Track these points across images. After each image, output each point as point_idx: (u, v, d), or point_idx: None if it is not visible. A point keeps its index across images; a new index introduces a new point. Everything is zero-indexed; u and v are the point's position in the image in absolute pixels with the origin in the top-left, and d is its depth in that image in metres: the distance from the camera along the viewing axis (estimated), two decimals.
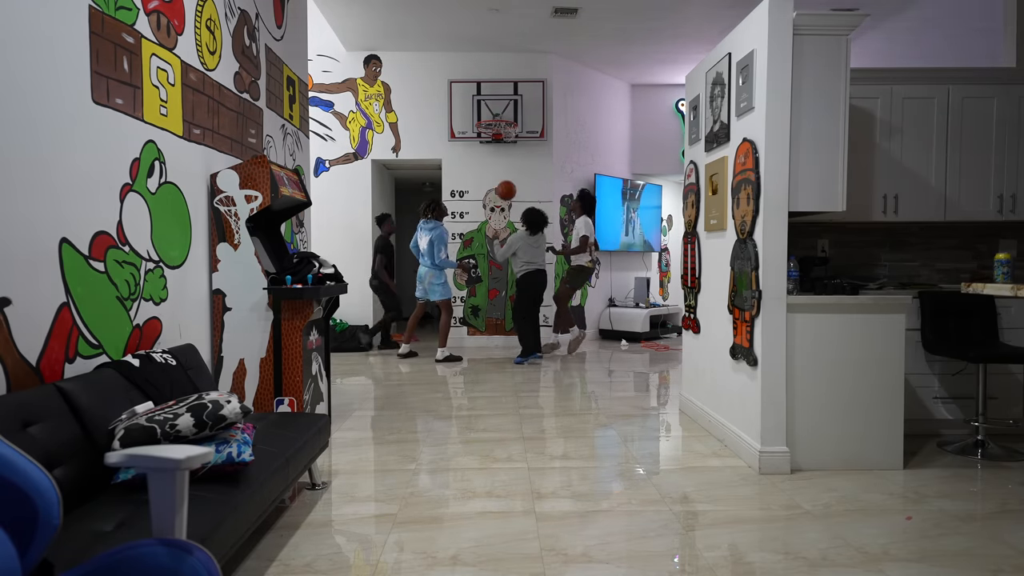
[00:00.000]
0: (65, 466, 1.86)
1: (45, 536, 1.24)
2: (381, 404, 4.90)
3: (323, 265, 3.63)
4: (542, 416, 4.47)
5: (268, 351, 3.39)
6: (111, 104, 2.49)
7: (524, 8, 6.38)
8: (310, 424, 2.82)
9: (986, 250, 4.37)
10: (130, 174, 2.63)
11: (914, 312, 3.81)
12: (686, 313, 4.53)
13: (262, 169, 3.37)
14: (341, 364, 6.66)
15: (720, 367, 3.82)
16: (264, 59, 4.21)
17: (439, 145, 7.83)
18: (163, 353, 2.60)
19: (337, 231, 7.69)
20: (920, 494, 2.97)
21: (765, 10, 3.18)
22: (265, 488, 2.20)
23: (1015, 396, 3.89)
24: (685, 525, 2.64)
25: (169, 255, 2.95)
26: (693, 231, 4.37)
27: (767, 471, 3.24)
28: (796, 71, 3.19)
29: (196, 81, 3.21)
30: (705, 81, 4.12)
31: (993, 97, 3.97)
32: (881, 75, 3.94)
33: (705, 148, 4.12)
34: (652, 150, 9.24)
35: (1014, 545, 2.45)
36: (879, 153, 3.95)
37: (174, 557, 1.31)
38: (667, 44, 7.41)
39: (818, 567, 2.28)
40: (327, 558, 2.36)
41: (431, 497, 2.96)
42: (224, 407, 2.08)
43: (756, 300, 3.26)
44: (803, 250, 4.29)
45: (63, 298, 2.21)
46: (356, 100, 7.74)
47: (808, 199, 3.25)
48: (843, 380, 3.26)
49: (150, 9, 2.77)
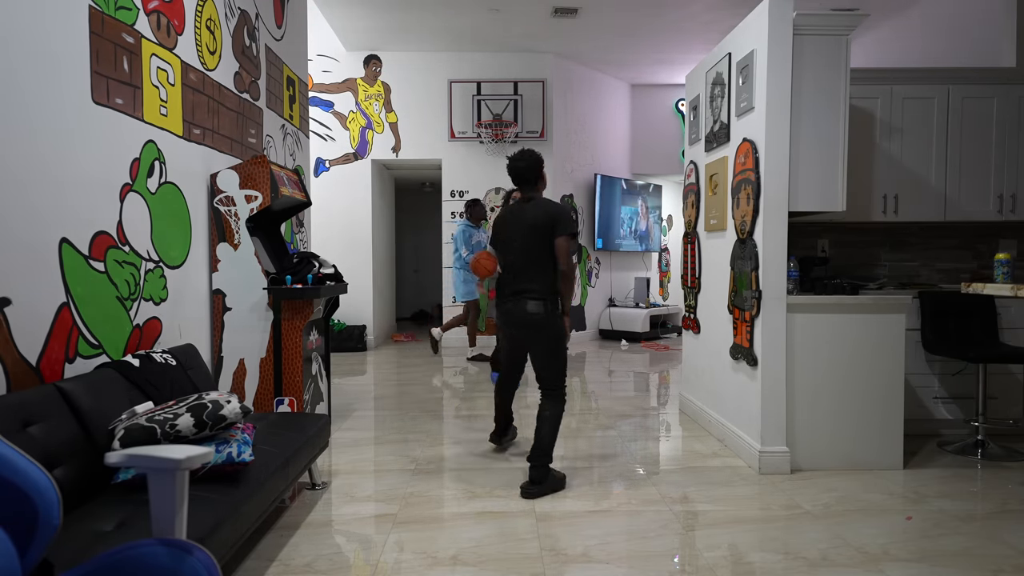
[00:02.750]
0: (65, 466, 1.86)
1: (45, 536, 1.24)
2: (381, 404, 4.89)
3: (323, 265, 3.63)
4: None
5: (268, 351, 3.39)
6: (111, 104, 2.49)
7: (524, 8, 6.37)
8: (310, 424, 2.82)
9: (986, 250, 4.37)
10: (130, 174, 2.63)
11: (914, 312, 3.81)
12: (686, 313, 4.53)
13: (262, 169, 3.37)
14: (341, 364, 6.65)
15: (720, 367, 3.82)
16: (264, 59, 4.21)
17: (439, 145, 7.83)
18: (163, 353, 2.60)
19: (337, 231, 7.69)
20: (920, 494, 2.97)
21: (765, 10, 3.18)
22: (265, 488, 2.20)
23: (1015, 396, 3.89)
24: (685, 525, 2.64)
25: (169, 255, 2.95)
26: (693, 231, 4.37)
27: (767, 471, 3.24)
28: (796, 71, 3.19)
29: (196, 81, 3.21)
30: (705, 81, 4.12)
31: (993, 97, 3.96)
32: (881, 75, 3.93)
33: (705, 148, 4.12)
34: (652, 150, 9.24)
35: (1014, 545, 2.45)
36: (879, 153, 3.94)
37: (174, 557, 1.31)
38: (667, 44, 7.41)
39: (818, 567, 2.28)
40: (327, 558, 2.36)
41: (431, 497, 2.96)
42: (224, 407, 2.08)
43: (756, 300, 3.26)
44: (803, 250, 4.29)
45: (63, 298, 2.21)
46: (356, 100, 7.73)
47: (808, 199, 3.25)
48: (843, 380, 3.26)
49: (150, 9, 2.77)
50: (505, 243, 3.19)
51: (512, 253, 3.15)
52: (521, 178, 3.21)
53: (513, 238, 3.15)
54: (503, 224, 3.25)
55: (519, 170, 3.19)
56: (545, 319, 3.05)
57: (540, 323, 3.06)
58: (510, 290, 3.15)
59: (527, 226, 3.10)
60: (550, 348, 3.10)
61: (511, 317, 3.14)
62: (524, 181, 3.21)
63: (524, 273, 3.09)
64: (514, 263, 3.13)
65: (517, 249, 3.12)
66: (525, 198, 3.20)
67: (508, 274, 3.18)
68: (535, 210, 3.12)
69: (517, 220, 3.16)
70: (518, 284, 3.11)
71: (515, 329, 3.18)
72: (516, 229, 3.15)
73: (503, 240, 3.22)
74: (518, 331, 3.17)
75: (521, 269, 3.10)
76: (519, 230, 3.13)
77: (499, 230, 3.27)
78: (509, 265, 3.17)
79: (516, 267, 3.12)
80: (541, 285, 3.06)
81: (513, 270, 3.14)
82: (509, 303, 3.14)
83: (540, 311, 3.04)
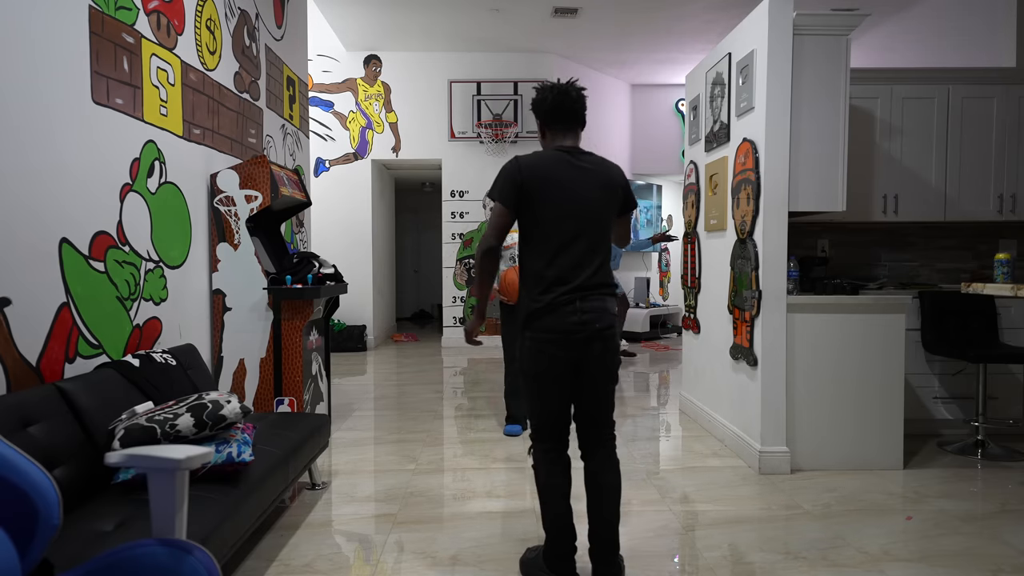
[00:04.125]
0: (65, 466, 1.86)
1: (45, 536, 1.24)
2: (381, 404, 4.89)
3: (323, 265, 3.63)
4: None
5: (268, 351, 3.39)
6: (111, 104, 2.49)
7: (524, 8, 6.37)
8: (310, 424, 2.82)
9: (986, 250, 4.37)
10: (130, 174, 2.63)
11: (914, 312, 3.81)
12: (686, 313, 4.53)
13: (262, 169, 3.37)
14: (341, 364, 6.65)
15: (720, 367, 3.82)
16: (264, 59, 4.21)
17: (439, 145, 7.84)
18: (163, 353, 2.60)
19: (337, 231, 7.69)
20: (920, 494, 2.97)
21: (765, 10, 3.18)
22: (265, 488, 2.20)
23: (1015, 396, 3.89)
24: (685, 525, 2.64)
25: (169, 255, 2.95)
26: (693, 231, 4.37)
27: (767, 471, 3.24)
28: (796, 71, 3.19)
29: (196, 81, 3.21)
30: (705, 81, 4.12)
31: (993, 97, 3.96)
32: (881, 75, 3.93)
33: (705, 148, 4.12)
34: (652, 150, 9.24)
35: (1014, 545, 2.45)
36: (879, 153, 3.94)
37: (174, 557, 1.31)
38: (667, 44, 7.41)
39: (818, 567, 2.28)
40: (327, 558, 2.36)
41: (431, 497, 2.96)
42: (224, 407, 2.08)
43: (756, 300, 3.26)
44: (803, 250, 4.29)
45: (63, 298, 2.21)
46: (356, 100, 7.73)
47: (808, 199, 3.25)
48: (843, 380, 3.26)
49: (150, 9, 2.77)
50: (559, 210, 2.00)
51: (575, 226, 2.01)
52: (573, 116, 2.12)
53: (579, 202, 2.01)
54: (551, 180, 2.01)
55: (571, 104, 2.11)
56: (616, 327, 2.07)
57: (614, 335, 2.06)
58: (576, 285, 1.99)
59: (600, 186, 2.04)
60: (614, 372, 2.10)
61: (581, 331, 1.98)
62: (576, 121, 2.13)
63: (595, 256, 2.03)
64: (576, 243, 2.00)
65: (588, 219, 2.01)
66: (573, 149, 2.10)
67: (566, 260, 2.00)
68: (603, 168, 2.09)
69: (582, 177, 2.03)
70: (592, 275, 2.01)
71: (579, 350, 2.00)
72: (583, 190, 2.02)
73: (554, 204, 2.00)
74: (582, 353, 2.00)
75: (591, 251, 2.02)
76: (586, 192, 2.02)
77: (545, 188, 2.00)
78: (565, 246, 2.00)
79: (580, 249, 2.00)
80: (611, 277, 2.10)
81: (577, 254, 2.00)
82: (577, 306, 1.98)
83: (615, 311, 2.08)
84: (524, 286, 2.09)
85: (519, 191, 2.01)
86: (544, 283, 2.01)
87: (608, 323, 2.02)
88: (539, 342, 2.02)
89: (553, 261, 2.00)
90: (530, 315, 2.03)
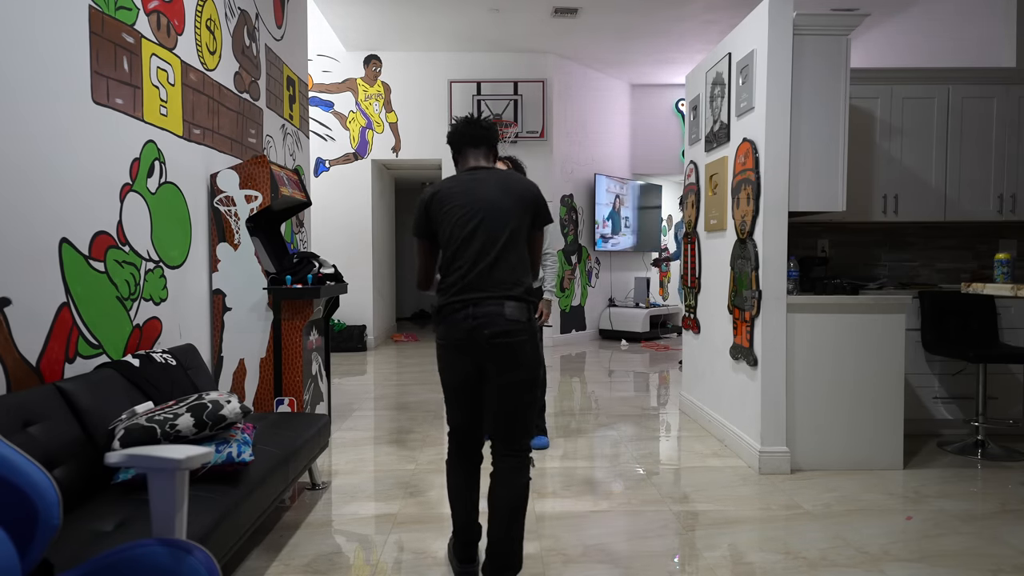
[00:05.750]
0: (65, 466, 1.85)
1: (45, 536, 1.24)
2: (381, 404, 4.89)
3: (323, 265, 3.63)
4: None
5: (268, 351, 3.39)
6: (111, 104, 2.49)
7: (524, 8, 6.37)
8: (310, 424, 2.82)
9: (986, 250, 4.37)
10: (130, 174, 2.63)
11: (914, 312, 3.81)
12: (686, 313, 4.53)
13: (262, 169, 3.37)
14: (341, 364, 6.65)
15: (720, 367, 3.82)
16: (264, 59, 4.21)
17: (439, 145, 7.82)
18: (163, 353, 2.60)
19: (337, 231, 7.69)
20: (920, 494, 2.97)
21: (765, 10, 3.18)
22: (265, 488, 2.20)
23: (1015, 396, 3.89)
24: (685, 525, 2.64)
25: (169, 255, 2.95)
26: (693, 231, 4.37)
27: (767, 471, 3.24)
28: (796, 71, 3.19)
29: (196, 81, 3.21)
30: (705, 81, 4.12)
31: (993, 97, 3.96)
32: (881, 75, 3.93)
33: (705, 148, 4.12)
34: (652, 150, 9.24)
35: (1014, 545, 2.45)
36: (879, 153, 3.94)
37: (174, 557, 1.31)
38: (667, 44, 7.41)
39: (818, 567, 2.28)
40: (327, 558, 2.36)
41: (431, 497, 2.96)
42: (224, 407, 2.08)
43: (756, 300, 3.26)
44: (803, 250, 4.29)
45: (63, 298, 2.21)
46: (356, 100, 7.73)
47: (808, 199, 3.25)
48: (843, 380, 3.26)
49: (150, 9, 2.77)
50: (458, 212, 2.06)
51: (473, 224, 2.04)
52: (481, 140, 2.20)
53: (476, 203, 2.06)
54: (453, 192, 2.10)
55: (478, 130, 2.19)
56: (528, 329, 2.04)
57: (514, 343, 2.00)
58: (469, 285, 2.01)
59: (500, 189, 2.09)
60: (531, 377, 2.07)
61: (470, 338, 1.99)
62: (483, 144, 2.21)
63: (494, 254, 2.03)
64: (474, 240, 2.03)
65: (486, 216, 2.04)
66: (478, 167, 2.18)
67: (464, 260, 2.03)
68: (508, 176, 2.15)
69: (484, 179, 2.11)
70: (487, 275, 2.01)
71: (476, 358, 2.02)
72: (482, 190, 2.08)
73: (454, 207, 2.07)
74: (481, 360, 2.03)
75: (490, 248, 2.03)
76: (484, 192, 2.08)
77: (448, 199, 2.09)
78: (466, 242, 2.04)
79: (476, 248, 2.03)
80: (525, 280, 2.09)
81: (473, 252, 2.03)
82: (469, 311, 1.99)
83: (523, 318, 2.03)
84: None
85: (427, 217, 2.14)
86: (442, 288, 2.09)
87: (501, 329, 1.98)
88: (438, 348, 2.13)
89: (452, 264, 2.07)
90: (434, 321, 2.14)
